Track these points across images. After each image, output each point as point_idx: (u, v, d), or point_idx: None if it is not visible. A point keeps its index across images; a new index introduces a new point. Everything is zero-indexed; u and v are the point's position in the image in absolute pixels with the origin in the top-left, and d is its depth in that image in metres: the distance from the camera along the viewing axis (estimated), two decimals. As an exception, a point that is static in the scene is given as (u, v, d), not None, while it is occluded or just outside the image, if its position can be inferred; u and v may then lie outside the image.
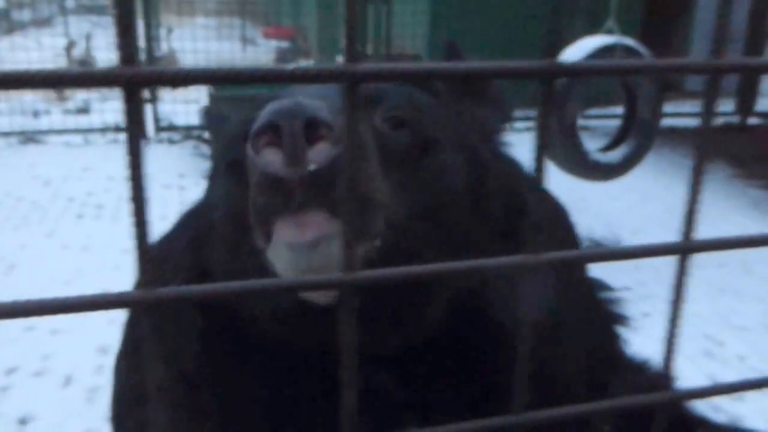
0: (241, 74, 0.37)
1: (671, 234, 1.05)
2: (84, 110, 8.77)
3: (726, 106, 9.76)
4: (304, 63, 9.76)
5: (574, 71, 0.45)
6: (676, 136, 9.05)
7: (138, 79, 0.37)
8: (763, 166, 7.80)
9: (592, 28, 6.06)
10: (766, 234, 0.48)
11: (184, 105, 8.13)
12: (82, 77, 0.38)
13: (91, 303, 0.40)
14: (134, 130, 0.38)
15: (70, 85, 0.38)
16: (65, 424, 3.15)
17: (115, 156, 7.29)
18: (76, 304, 0.39)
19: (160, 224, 1.22)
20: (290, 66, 0.39)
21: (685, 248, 0.50)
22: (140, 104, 0.39)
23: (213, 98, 6.73)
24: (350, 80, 0.39)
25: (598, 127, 8.73)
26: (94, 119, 8.20)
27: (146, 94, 7.65)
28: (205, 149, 7.47)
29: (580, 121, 8.10)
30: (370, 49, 8.86)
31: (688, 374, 3.86)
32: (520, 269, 0.48)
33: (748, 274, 4.93)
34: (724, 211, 6.41)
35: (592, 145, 5.92)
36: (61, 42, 10.00)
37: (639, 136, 5.26)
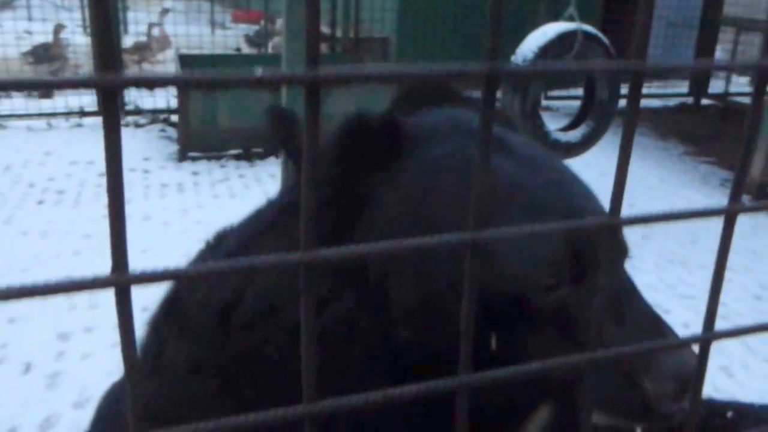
0: (214, 80, 0.37)
1: (624, 207, 1.17)
2: (47, 94, 8.68)
3: (681, 88, 10.07)
4: (275, 42, 9.68)
5: (514, 73, 0.45)
6: (632, 116, 9.28)
7: (118, 83, 0.36)
8: (713, 144, 8.12)
9: (554, 16, 6.27)
10: (690, 209, 0.52)
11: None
12: (63, 83, 0.37)
13: (69, 286, 0.39)
14: (112, 138, 0.38)
15: (51, 88, 0.38)
16: (26, 411, 3.14)
17: (78, 141, 7.20)
18: (55, 287, 0.38)
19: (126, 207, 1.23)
20: (258, 71, 0.40)
21: (612, 223, 0.51)
22: (118, 107, 0.39)
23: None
24: (312, 84, 0.39)
25: (560, 108, 8.94)
26: (57, 103, 8.02)
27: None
28: (172, 133, 7.51)
29: (543, 102, 8.29)
30: (339, 32, 8.92)
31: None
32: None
33: (694, 244, 5.19)
34: (677, 186, 6.68)
35: (553, 125, 6.12)
36: (24, 25, 9.82)
37: (597, 117, 5.47)
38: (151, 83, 0.39)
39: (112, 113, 0.38)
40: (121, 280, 0.40)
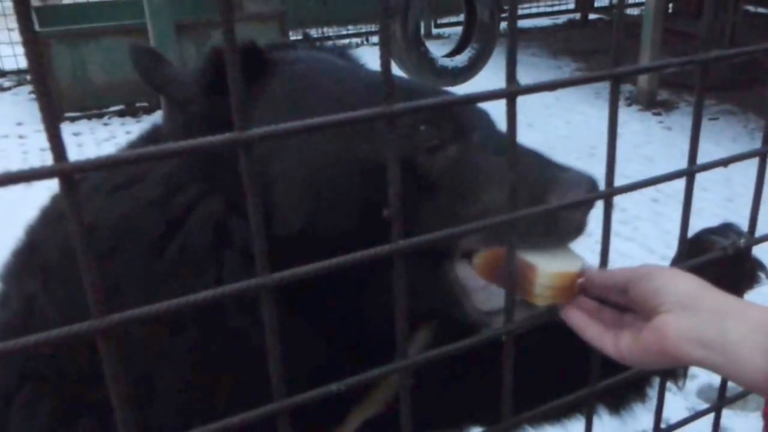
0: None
1: (523, 127, 1.14)
2: None
3: (568, 4, 10.11)
4: None
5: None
6: (525, 36, 9.31)
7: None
8: (603, 58, 8.21)
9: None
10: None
11: (9, 46, 7.53)
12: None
13: (15, 177, 0.42)
14: None
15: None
16: None
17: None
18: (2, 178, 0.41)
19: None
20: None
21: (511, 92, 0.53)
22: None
23: (41, 36, 6.29)
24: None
25: (451, 35, 8.85)
26: None
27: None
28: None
29: (433, 31, 8.16)
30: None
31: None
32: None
33: (593, 158, 5.22)
34: (572, 102, 6.74)
35: (441, 52, 6.02)
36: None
37: (481, 39, 5.38)
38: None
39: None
40: (65, 168, 0.42)
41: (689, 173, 0.73)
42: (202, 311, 0.93)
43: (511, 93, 0.52)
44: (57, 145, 0.42)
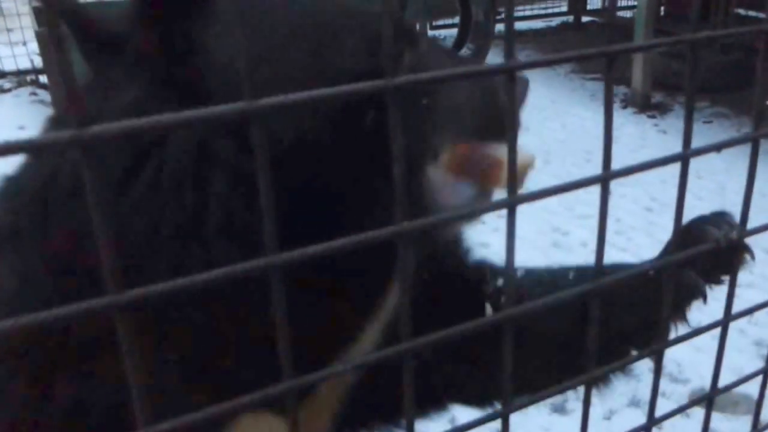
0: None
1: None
2: None
3: (561, 7, 10.18)
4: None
5: None
6: (518, 38, 9.38)
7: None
8: (597, 59, 8.25)
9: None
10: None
11: (8, 47, 7.50)
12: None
13: (31, 145, 0.41)
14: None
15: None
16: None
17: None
18: (18, 145, 0.40)
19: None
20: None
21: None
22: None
23: (41, 36, 6.31)
24: None
25: (446, 37, 8.90)
26: None
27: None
28: (45, 95, 7.00)
29: (429, 33, 8.19)
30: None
31: (540, 263, 4.16)
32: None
33: (589, 163, 5.29)
34: (567, 105, 6.79)
35: (437, 53, 6.05)
36: None
37: (476, 40, 5.43)
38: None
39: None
40: (84, 135, 0.40)
41: (684, 158, 0.76)
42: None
43: (511, 68, 0.54)
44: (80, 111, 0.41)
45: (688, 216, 0.98)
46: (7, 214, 0.95)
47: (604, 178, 0.61)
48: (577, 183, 0.78)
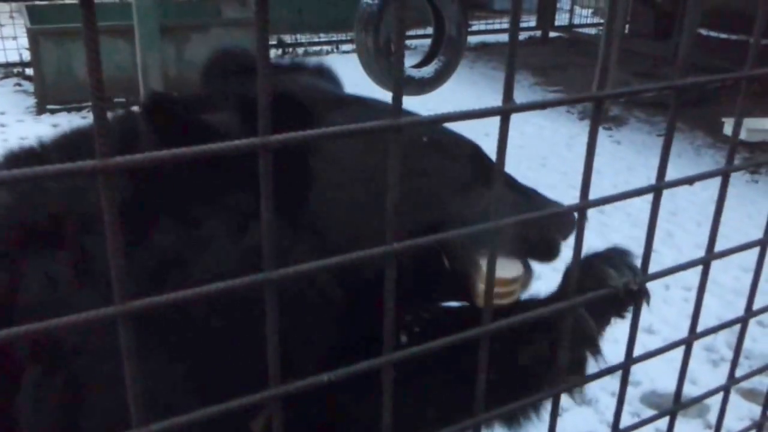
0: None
1: (475, 135, 1.36)
2: None
3: (529, 22, 10.61)
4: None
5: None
6: (487, 50, 9.79)
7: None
8: (560, 73, 8.70)
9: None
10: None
11: (-1, 41, 7.81)
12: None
13: (54, 172, 0.42)
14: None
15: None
16: None
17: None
18: (43, 173, 0.42)
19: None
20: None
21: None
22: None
23: (31, 32, 6.55)
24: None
25: (417, 46, 9.23)
26: None
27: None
28: (29, 86, 7.23)
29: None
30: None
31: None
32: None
33: (543, 168, 5.62)
34: (527, 115, 7.12)
35: (411, 63, 6.38)
36: None
37: (448, 52, 5.78)
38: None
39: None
40: (108, 165, 0.43)
41: (656, 189, 0.82)
42: None
43: (506, 110, 0.59)
44: (102, 145, 0.44)
45: (639, 220, 1.13)
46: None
47: (582, 207, 0.72)
48: (555, 212, 1.02)
